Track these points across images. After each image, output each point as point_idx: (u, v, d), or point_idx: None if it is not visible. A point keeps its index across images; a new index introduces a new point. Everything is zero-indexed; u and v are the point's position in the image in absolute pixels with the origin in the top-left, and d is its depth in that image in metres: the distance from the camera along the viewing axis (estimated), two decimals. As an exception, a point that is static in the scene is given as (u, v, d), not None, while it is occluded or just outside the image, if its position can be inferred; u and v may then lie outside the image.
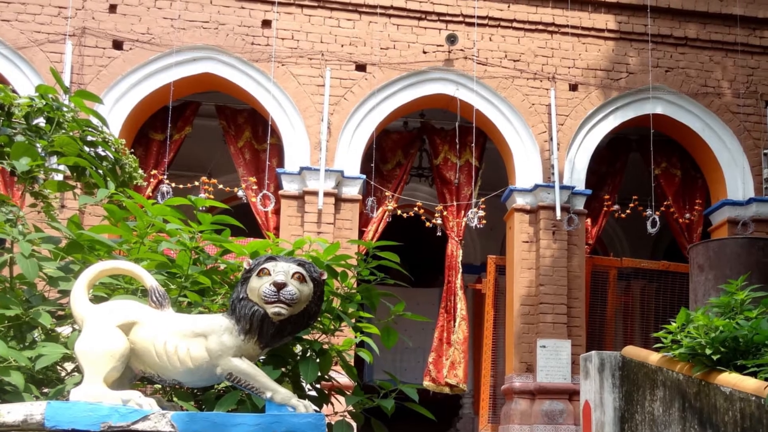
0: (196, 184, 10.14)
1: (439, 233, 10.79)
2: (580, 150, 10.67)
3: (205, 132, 11.42)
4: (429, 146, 11.43)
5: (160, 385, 3.05)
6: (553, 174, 10.38)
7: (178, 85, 9.91)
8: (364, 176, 10.22)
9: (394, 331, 3.43)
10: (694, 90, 10.93)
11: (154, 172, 10.08)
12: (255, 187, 10.26)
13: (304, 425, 2.41)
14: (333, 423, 3.06)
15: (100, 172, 3.65)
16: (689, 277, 6.91)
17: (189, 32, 10.01)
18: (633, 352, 6.00)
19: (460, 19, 10.60)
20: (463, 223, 10.72)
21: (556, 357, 10.04)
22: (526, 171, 10.52)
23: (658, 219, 10.53)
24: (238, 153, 10.62)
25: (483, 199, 10.62)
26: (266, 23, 10.23)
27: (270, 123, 10.07)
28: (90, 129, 3.75)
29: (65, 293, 2.87)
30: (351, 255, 3.44)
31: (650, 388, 5.52)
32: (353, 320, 3.45)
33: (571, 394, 9.86)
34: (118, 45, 9.86)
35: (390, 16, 10.50)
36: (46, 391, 2.83)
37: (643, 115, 10.83)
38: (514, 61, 10.68)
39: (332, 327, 3.38)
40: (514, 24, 10.75)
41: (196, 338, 2.48)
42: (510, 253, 10.68)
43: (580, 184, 10.58)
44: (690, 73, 11.00)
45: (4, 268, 2.99)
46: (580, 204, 10.54)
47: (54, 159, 3.64)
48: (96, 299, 2.83)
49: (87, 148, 3.68)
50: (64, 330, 3.03)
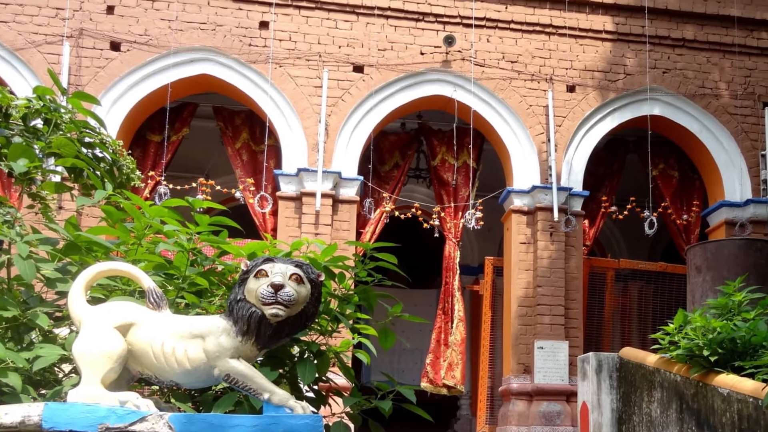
0: (194, 185, 10.13)
1: (436, 234, 10.79)
2: (578, 151, 10.67)
3: (203, 133, 11.41)
4: (426, 147, 11.42)
5: (157, 387, 3.05)
6: (551, 175, 10.39)
7: (176, 87, 9.91)
8: (362, 178, 10.22)
9: (392, 333, 3.43)
10: (692, 91, 10.94)
11: (152, 173, 10.08)
12: (252, 189, 10.25)
13: (302, 426, 2.41)
14: (330, 424, 3.07)
15: (98, 173, 3.65)
16: (687, 279, 6.92)
17: (186, 33, 10.01)
18: (630, 353, 6.00)
19: (458, 20, 10.60)
20: (461, 225, 10.72)
21: (553, 358, 10.04)
22: (523, 172, 10.52)
23: (655, 220, 10.53)
24: (235, 154, 10.61)
25: (480, 201, 10.63)
26: (264, 24, 10.23)
27: (267, 124, 10.07)
28: (87, 130, 3.75)
29: (63, 294, 2.87)
30: (348, 256, 3.44)
31: (648, 390, 5.52)
32: (351, 321, 3.45)
33: (569, 396, 9.86)
34: (115, 46, 9.85)
35: (387, 17, 10.49)
36: (43, 392, 2.83)
37: (641, 117, 10.82)
38: (512, 62, 10.68)
39: (330, 328, 3.38)
40: (512, 25, 10.74)
41: (194, 339, 2.48)
42: (507, 254, 10.68)
43: (578, 185, 10.58)
44: (687, 75, 11.01)
45: (2, 269, 2.99)
46: (577, 205, 10.54)
47: (51, 160, 3.64)
48: (94, 300, 2.83)
49: (84, 150, 3.68)
50: (62, 331, 3.03)
